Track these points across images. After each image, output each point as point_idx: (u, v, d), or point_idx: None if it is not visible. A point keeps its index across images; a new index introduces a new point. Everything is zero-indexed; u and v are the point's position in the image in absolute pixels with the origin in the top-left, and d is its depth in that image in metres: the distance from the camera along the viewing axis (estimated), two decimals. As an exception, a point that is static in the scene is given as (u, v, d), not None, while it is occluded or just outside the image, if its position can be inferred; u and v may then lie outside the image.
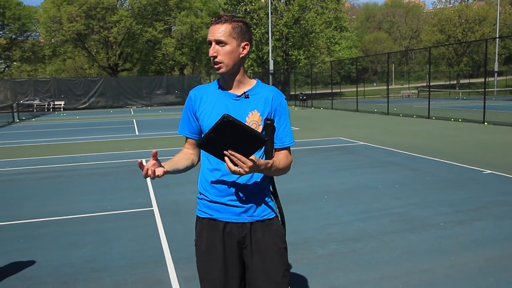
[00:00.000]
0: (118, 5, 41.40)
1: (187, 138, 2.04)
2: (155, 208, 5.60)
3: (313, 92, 35.11)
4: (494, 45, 40.32)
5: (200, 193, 1.99)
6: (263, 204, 1.94)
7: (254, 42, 40.70)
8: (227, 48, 1.85)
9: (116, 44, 40.79)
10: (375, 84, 61.01)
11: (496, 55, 39.93)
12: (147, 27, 39.73)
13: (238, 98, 1.92)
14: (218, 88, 1.96)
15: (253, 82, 1.97)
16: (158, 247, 4.23)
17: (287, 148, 1.99)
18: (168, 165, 1.88)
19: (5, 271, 3.78)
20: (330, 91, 33.26)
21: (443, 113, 18.91)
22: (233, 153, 1.67)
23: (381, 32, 72.85)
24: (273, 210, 1.98)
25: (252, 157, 1.69)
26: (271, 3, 38.21)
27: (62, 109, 34.45)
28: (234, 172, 1.69)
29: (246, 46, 1.89)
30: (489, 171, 7.18)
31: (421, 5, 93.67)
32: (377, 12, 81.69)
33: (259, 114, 1.90)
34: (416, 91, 44.32)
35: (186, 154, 2.02)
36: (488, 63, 15.83)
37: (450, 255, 3.85)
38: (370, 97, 42.67)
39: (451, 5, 63.32)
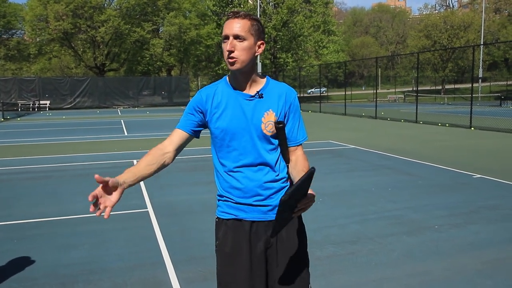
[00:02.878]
0: (106, 5, 41.01)
1: (180, 131, 1.94)
2: (150, 209, 5.55)
3: (301, 95, 35.26)
4: (479, 52, 40.98)
5: (222, 195, 1.94)
6: None
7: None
8: (245, 44, 1.81)
9: (104, 44, 40.39)
10: (363, 88, 61.51)
11: (481, 61, 40.60)
12: (135, 27, 39.40)
13: (252, 98, 1.88)
14: (229, 88, 1.91)
15: (264, 79, 1.94)
16: (155, 249, 4.19)
17: (301, 144, 2.01)
18: (130, 175, 1.77)
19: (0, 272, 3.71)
20: (319, 94, 33.42)
21: (430, 118, 19.15)
22: (300, 208, 1.63)
23: (368, 37, 73.51)
24: None
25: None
26: (260, 6, 38.29)
27: (47, 109, 34.01)
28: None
29: (261, 45, 1.88)
30: (479, 176, 7.29)
31: (407, 10, 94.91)
32: (364, 17, 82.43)
33: (274, 113, 1.88)
34: (403, 96, 44.79)
35: (158, 155, 1.89)
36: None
37: (447, 257, 3.90)
38: (357, 101, 43.00)
39: (436, 12, 64.24)
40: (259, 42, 1.86)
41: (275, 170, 1.90)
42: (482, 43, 42.61)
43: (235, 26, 1.81)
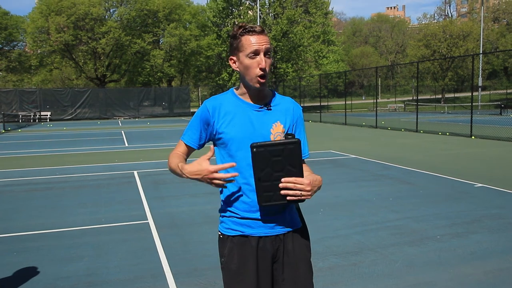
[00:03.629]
0: (107, 16, 41.24)
1: (186, 146, 1.96)
2: (150, 221, 5.53)
3: (301, 105, 35.31)
4: (478, 61, 41.12)
5: (226, 211, 1.91)
6: (292, 214, 1.92)
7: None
8: (270, 60, 1.83)
9: (104, 55, 40.56)
10: (363, 98, 61.62)
11: (480, 70, 40.72)
12: (136, 39, 39.58)
13: (260, 109, 1.88)
14: (237, 99, 1.91)
15: (270, 93, 1.95)
16: (156, 261, 4.17)
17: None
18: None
19: None
20: (319, 104, 33.51)
21: (431, 127, 19.15)
22: (287, 179, 1.66)
23: (367, 46, 73.78)
24: (299, 220, 1.96)
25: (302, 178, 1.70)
26: (260, 16, 38.53)
27: (48, 120, 34.08)
28: (302, 199, 1.69)
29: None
30: (481, 185, 7.27)
31: (406, 20, 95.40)
32: (363, 27, 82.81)
33: (282, 125, 1.89)
34: (403, 105, 44.84)
35: (182, 157, 1.94)
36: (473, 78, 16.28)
37: (449, 267, 3.87)
38: (357, 110, 43.06)
39: (435, 21, 64.55)
40: None
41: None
42: (481, 52, 42.75)
43: (264, 42, 1.80)
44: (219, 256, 1.94)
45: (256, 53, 1.79)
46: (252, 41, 1.79)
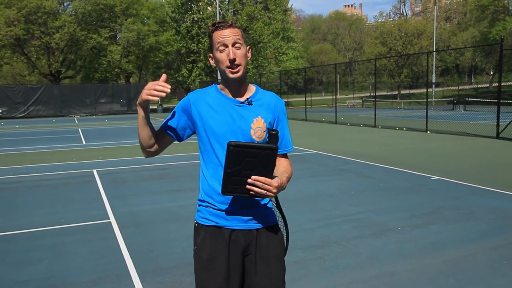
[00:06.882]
0: (60, 10, 39.81)
1: (161, 131, 1.95)
2: (112, 220, 5.39)
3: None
4: (431, 58, 42.58)
5: (204, 201, 1.93)
6: (268, 210, 1.96)
7: (202, 51, 40.60)
8: (243, 50, 1.85)
9: (59, 51, 39.11)
10: (323, 94, 62.56)
11: (434, 67, 42.18)
12: (92, 34, 38.39)
13: (241, 104, 1.90)
14: (219, 94, 1.92)
15: (253, 88, 1.97)
16: (120, 260, 4.07)
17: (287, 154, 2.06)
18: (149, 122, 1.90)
19: (-48, 292, 3.50)
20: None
21: (388, 122, 19.68)
22: (256, 178, 1.68)
23: (326, 44, 74.92)
24: (274, 218, 1.99)
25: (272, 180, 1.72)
26: (220, 12, 38.32)
27: (-1, 118, 32.61)
28: (265, 197, 1.72)
29: (249, 51, 1.92)
30: (437, 177, 7.54)
31: (363, 18, 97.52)
32: (322, 24, 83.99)
33: (263, 120, 1.91)
34: (361, 101, 45.84)
35: (154, 138, 1.93)
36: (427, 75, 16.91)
37: (410, 258, 3.99)
38: (317, 106, 43.66)
39: (391, 19, 66.33)
40: (247, 48, 1.91)
41: None
42: (434, 49, 44.32)
43: (231, 34, 1.83)
44: (193, 244, 1.96)
45: (224, 46, 1.83)
46: (219, 36, 1.83)
